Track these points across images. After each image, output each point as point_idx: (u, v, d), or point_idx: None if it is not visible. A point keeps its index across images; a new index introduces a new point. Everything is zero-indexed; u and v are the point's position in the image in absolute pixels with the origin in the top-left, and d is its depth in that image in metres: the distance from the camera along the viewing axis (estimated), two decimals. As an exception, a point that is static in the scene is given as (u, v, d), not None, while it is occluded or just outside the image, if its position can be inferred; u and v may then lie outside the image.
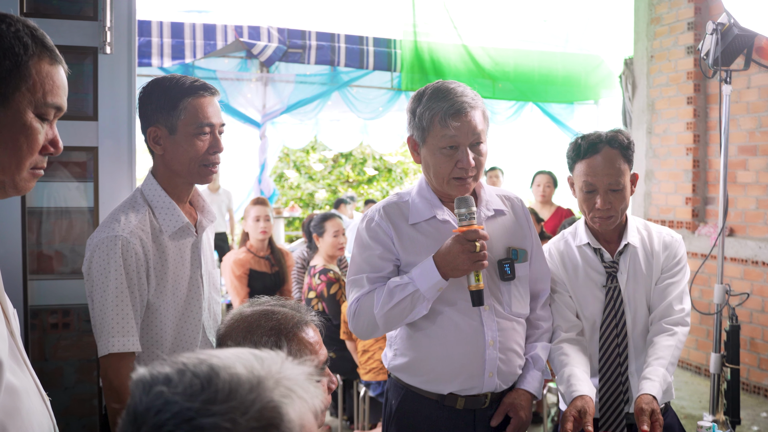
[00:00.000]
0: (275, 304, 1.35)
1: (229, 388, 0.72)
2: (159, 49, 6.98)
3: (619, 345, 2.35)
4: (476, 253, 1.92)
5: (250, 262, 4.72)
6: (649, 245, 2.42)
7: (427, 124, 2.03)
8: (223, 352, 0.77)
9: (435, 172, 2.06)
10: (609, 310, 2.35)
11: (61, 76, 1.23)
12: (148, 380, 0.74)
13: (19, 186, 1.21)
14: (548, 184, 6.43)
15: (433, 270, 1.95)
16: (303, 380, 0.76)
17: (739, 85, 5.68)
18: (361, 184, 14.79)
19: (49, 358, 2.70)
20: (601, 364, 2.37)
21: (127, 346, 1.83)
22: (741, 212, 5.81)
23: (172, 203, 1.98)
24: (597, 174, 2.28)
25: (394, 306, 1.99)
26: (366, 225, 2.14)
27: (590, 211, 2.34)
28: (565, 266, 2.41)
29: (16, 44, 1.15)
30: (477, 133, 2.02)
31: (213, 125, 1.97)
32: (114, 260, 1.83)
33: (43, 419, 1.23)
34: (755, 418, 5.04)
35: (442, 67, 8.09)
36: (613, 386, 2.36)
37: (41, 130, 1.20)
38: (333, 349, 4.44)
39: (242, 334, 1.27)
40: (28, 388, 1.21)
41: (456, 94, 2.02)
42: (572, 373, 2.21)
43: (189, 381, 0.72)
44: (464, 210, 1.96)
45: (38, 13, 2.63)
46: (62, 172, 2.73)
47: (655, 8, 6.60)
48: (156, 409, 0.71)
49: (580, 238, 2.43)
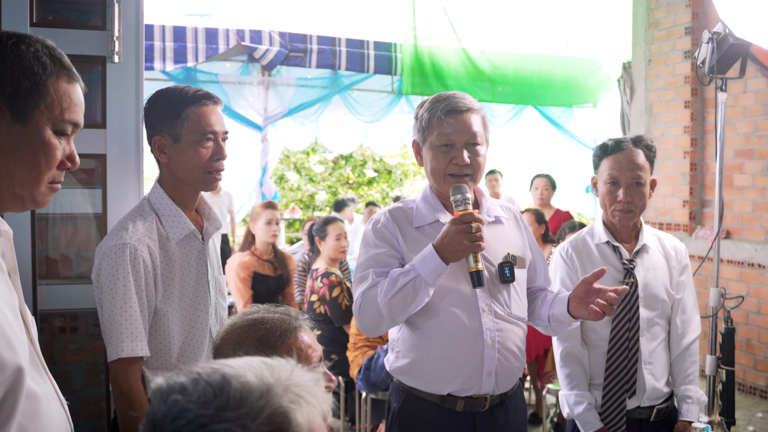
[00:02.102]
0: (266, 313, 1.39)
1: (240, 395, 0.77)
2: (161, 53, 7.02)
3: (629, 339, 2.46)
4: (473, 234, 1.98)
5: (254, 264, 4.77)
6: (662, 247, 2.57)
7: (425, 124, 2.13)
8: (235, 361, 0.82)
9: (432, 169, 2.15)
10: (624, 305, 2.47)
11: (78, 93, 1.27)
12: (165, 389, 0.79)
13: (37, 200, 1.25)
14: (546, 187, 6.48)
15: (433, 255, 2.00)
16: (311, 386, 0.81)
17: (735, 90, 5.74)
18: (361, 185, 14.82)
19: (57, 361, 2.74)
20: (609, 356, 2.48)
21: (135, 351, 1.88)
22: (737, 215, 5.86)
23: (178, 211, 2.03)
24: (621, 168, 2.45)
25: (397, 292, 2.02)
26: (372, 227, 2.21)
27: (611, 205, 2.48)
28: (583, 262, 2.54)
29: (35, 64, 1.20)
30: (472, 132, 2.10)
31: (216, 133, 2.02)
32: (122, 267, 1.88)
33: (62, 423, 1.28)
34: (751, 419, 5.09)
35: (442, 70, 8.13)
36: (618, 377, 2.47)
37: (59, 146, 1.24)
38: (335, 352, 4.49)
39: (232, 346, 1.31)
40: (47, 393, 1.26)
41: (455, 97, 2.12)
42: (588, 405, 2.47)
43: (203, 389, 0.77)
44: (459, 196, 2.03)
45: (48, 24, 2.67)
46: (70, 178, 2.78)
47: (653, 13, 6.65)
48: (173, 417, 0.76)
49: (598, 236, 2.56)
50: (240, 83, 7.67)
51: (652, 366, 2.49)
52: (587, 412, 2.46)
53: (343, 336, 4.48)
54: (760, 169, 5.67)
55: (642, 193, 2.46)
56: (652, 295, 2.50)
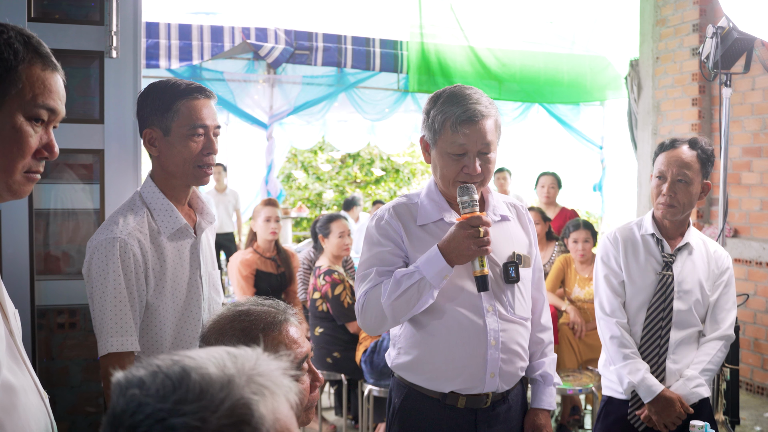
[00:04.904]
0: (253, 305, 1.37)
1: (200, 387, 0.74)
2: (167, 51, 7.03)
3: (662, 328, 2.59)
4: (480, 238, 1.95)
5: (256, 262, 4.77)
6: (705, 250, 2.69)
7: (438, 128, 2.05)
8: (197, 353, 0.80)
9: (441, 174, 2.10)
10: (659, 296, 2.59)
11: (56, 82, 1.24)
12: (124, 384, 0.77)
13: (12, 189, 1.22)
14: (552, 185, 6.44)
15: (439, 257, 1.98)
16: (277, 375, 0.79)
17: (743, 87, 5.69)
18: (368, 184, 14.82)
19: (55, 357, 2.74)
20: (641, 343, 2.61)
21: (125, 346, 1.87)
22: (745, 213, 5.81)
23: (170, 205, 2.01)
24: (669, 164, 2.57)
25: (401, 294, 2.00)
26: (376, 223, 2.17)
27: (656, 198, 2.62)
28: (626, 249, 2.67)
29: (6, 50, 1.17)
30: (486, 142, 2.04)
31: (207, 127, 2.00)
32: (112, 261, 1.87)
33: (40, 416, 1.26)
34: (758, 419, 5.04)
35: (449, 68, 8.10)
36: (648, 365, 2.58)
37: (33, 134, 1.21)
38: (337, 350, 4.48)
39: (215, 336, 1.29)
40: (26, 386, 1.24)
41: (470, 100, 2.03)
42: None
43: (161, 382, 0.75)
44: (467, 198, 1.99)
45: (45, 18, 2.67)
46: (69, 174, 2.78)
47: (661, 10, 6.60)
48: (131, 411, 0.74)
49: (645, 228, 2.69)
50: (245, 81, 7.66)
51: (676, 356, 2.59)
52: (647, 376, 2.54)
53: (345, 334, 4.47)
54: (769, 167, 5.62)
55: (688, 192, 2.57)
56: (686, 291, 2.60)
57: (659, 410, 2.51)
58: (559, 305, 4.88)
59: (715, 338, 2.62)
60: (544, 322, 2.33)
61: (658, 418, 2.52)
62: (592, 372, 4.43)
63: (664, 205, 2.58)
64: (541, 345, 2.32)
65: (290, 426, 0.78)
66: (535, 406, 2.28)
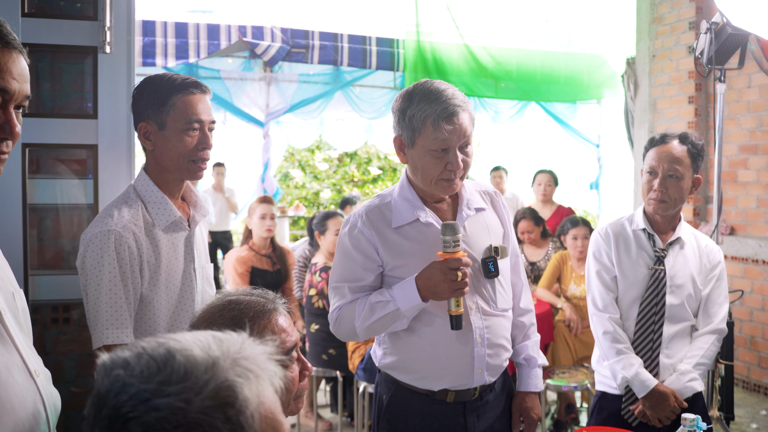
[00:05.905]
0: (242, 294, 1.37)
1: (185, 369, 0.74)
2: (163, 49, 7.03)
3: (655, 323, 2.60)
4: (457, 281, 1.94)
5: (252, 259, 4.77)
6: (696, 244, 2.69)
7: (418, 125, 2.01)
8: (183, 335, 0.80)
9: (423, 173, 2.05)
10: (652, 290, 2.61)
11: (14, 61, 1.22)
12: (109, 365, 0.77)
13: None
14: (549, 183, 6.44)
15: (414, 293, 1.99)
16: (262, 359, 0.79)
17: (739, 85, 5.70)
18: (366, 183, 14.82)
19: (49, 352, 2.74)
20: (635, 338, 2.62)
21: (120, 338, 1.87)
22: (742, 211, 5.82)
23: (164, 198, 2.02)
24: (660, 159, 2.58)
25: (375, 321, 2.05)
26: (348, 231, 2.13)
27: (647, 193, 2.62)
28: (618, 245, 2.69)
29: None
30: (467, 135, 2.03)
31: (202, 122, 2.00)
32: (107, 254, 1.87)
33: (28, 395, 1.26)
34: (755, 416, 5.05)
35: (445, 66, 8.10)
36: (641, 359, 2.59)
37: None
38: (332, 346, 4.48)
39: (204, 325, 1.29)
40: (10, 364, 1.24)
41: (447, 96, 2.00)
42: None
43: (146, 363, 0.75)
44: (449, 237, 1.96)
45: (40, 13, 2.66)
46: (63, 169, 2.78)
47: (657, 8, 6.61)
48: (115, 392, 0.75)
49: (636, 223, 2.70)
50: (242, 79, 7.66)
51: (669, 351, 2.60)
52: (641, 371, 2.55)
53: (341, 331, 4.46)
54: (765, 164, 5.62)
55: (679, 187, 2.57)
56: (679, 285, 2.61)
57: (653, 405, 2.51)
58: (555, 302, 4.88)
59: (707, 332, 2.63)
60: (524, 305, 2.33)
61: (653, 413, 2.52)
62: (587, 369, 4.43)
63: (655, 200, 2.59)
64: (523, 328, 2.32)
65: (274, 410, 0.78)
66: (522, 389, 2.29)
